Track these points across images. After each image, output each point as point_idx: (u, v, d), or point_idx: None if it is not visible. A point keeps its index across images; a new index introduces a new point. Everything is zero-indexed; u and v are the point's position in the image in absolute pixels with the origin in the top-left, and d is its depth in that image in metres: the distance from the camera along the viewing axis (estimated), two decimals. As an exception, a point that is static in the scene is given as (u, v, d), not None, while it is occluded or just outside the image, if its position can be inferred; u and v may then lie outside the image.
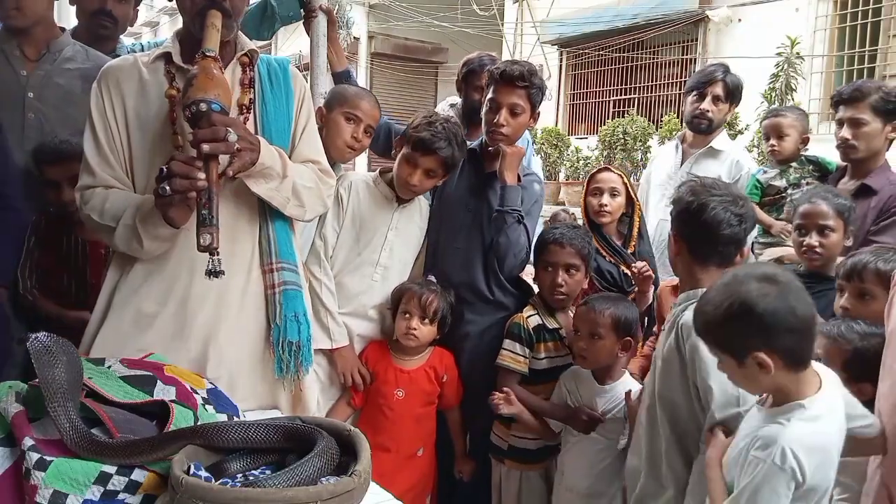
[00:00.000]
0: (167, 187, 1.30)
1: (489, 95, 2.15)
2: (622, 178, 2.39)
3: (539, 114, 2.20)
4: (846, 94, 2.36)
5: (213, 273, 1.30)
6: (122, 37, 2.57)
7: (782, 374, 1.24)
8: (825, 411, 1.27)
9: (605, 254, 2.33)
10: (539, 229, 2.34)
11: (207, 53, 1.39)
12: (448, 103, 3.15)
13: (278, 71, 1.67)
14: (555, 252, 2.14)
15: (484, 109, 2.18)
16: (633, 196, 2.40)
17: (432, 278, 2.14)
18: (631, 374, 2.09)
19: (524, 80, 2.08)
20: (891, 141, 2.35)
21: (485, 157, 2.23)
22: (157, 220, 1.40)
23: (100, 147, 1.54)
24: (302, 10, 2.78)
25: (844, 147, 2.38)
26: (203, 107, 1.31)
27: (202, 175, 1.29)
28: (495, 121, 2.11)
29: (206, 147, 1.30)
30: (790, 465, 1.19)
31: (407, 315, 2.05)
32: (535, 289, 2.30)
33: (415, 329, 2.05)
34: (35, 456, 1.00)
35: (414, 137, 2.05)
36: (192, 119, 1.32)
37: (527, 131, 2.39)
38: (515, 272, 2.24)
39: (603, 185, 2.36)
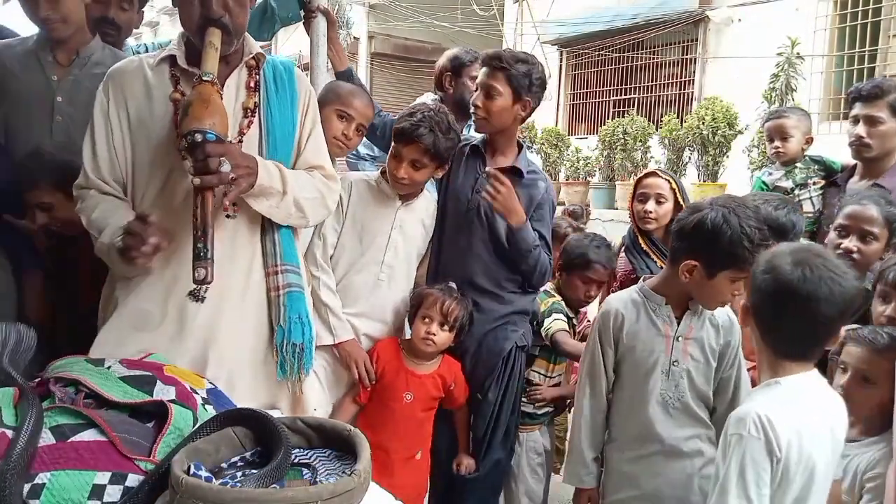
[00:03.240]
0: (120, 242, 1.39)
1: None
2: (671, 182, 2.35)
3: (528, 102, 2.15)
4: (865, 91, 2.30)
5: (196, 297, 1.41)
6: (128, 41, 2.58)
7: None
8: (803, 391, 1.33)
9: (656, 259, 2.32)
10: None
11: (204, 78, 1.38)
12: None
13: (283, 74, 1.66)
14: (598, 272, 2.35)
15: None
16: (682, 201, 2.35)
17: (453, 284, 2.13)
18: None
19: (500, 62, 2.09)
20: None
21: (488, 151, 2.23)
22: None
23: (96, 151, 1.54)
24: (301, 11, 2.78)
25: (858, 145, 2.31)
26: (198, 137, 1.31)
27: (153, 240, 1.36)
28: (472, 100, 2.17)
29: (196, 181, 1.31)
30: (763, 433, 1.24)
31: (427, 320, 2.05)
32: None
33: (434, 334, 2.04)
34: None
35: (396, 129, 2.07)
36: (189, 149, 1.33)
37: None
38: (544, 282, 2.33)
39: (648, 191, 2.34)
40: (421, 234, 2.22)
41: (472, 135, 2.64)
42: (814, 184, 2.77)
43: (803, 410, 1.30)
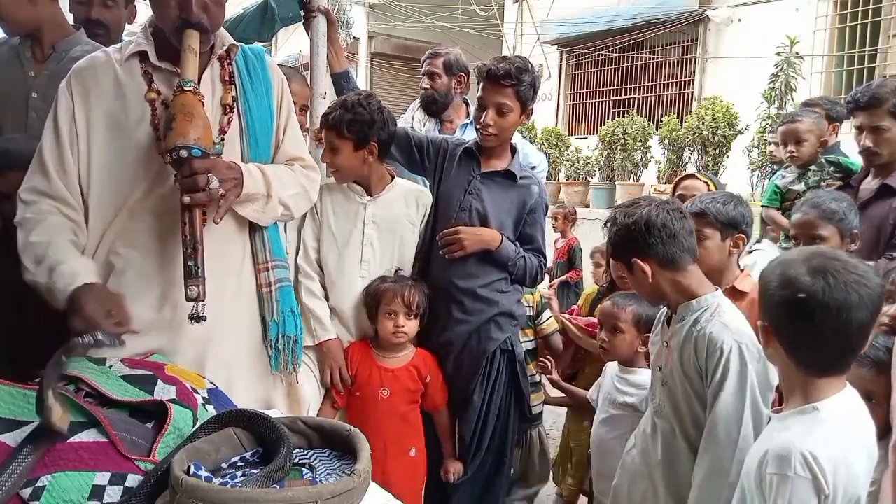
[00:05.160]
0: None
1: (479, 93, 2.16)
2: (708, 185, 2.39)
3: (532, 110, 2.18)
4: (863, 102, 2.30)
5: (196, 318, 1.33)
6: (125, 37, 2.57)
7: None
8: (841, 416, 1.22)
9: None
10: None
11: (186, 88, 1.36)
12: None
13: (255, 63, 1.62)
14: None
15: (476, 106, 2.20)
16: None
17: (403, 272, 2.15)
18: None
19: (510, 79, 2.05)
20: None
21: (483, 155, 2.22)
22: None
23: (62, 150, 1.45)
24: (301, 11, 2.79)
25: (868, 154, 2.34)
26: (183, 153, 1.30)
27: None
28: (482, 120, 2.11)
29: (186, 199, 1.30)
30: (810, 472, 1.15)
31: (392, 315, 2.06)
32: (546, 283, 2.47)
33: (402, 326, 2.06)
34: (27, 490, 0.98)
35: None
36: (173, 165, 1.32)
37: (519, 135, 2.41)
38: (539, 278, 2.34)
39: (686, 193, 2.37)
40: (406, 227, 2.18)
41: (463, 136, 2.66)
42: (827, 186, 2.75)
43: (845, 439, 1.21)
